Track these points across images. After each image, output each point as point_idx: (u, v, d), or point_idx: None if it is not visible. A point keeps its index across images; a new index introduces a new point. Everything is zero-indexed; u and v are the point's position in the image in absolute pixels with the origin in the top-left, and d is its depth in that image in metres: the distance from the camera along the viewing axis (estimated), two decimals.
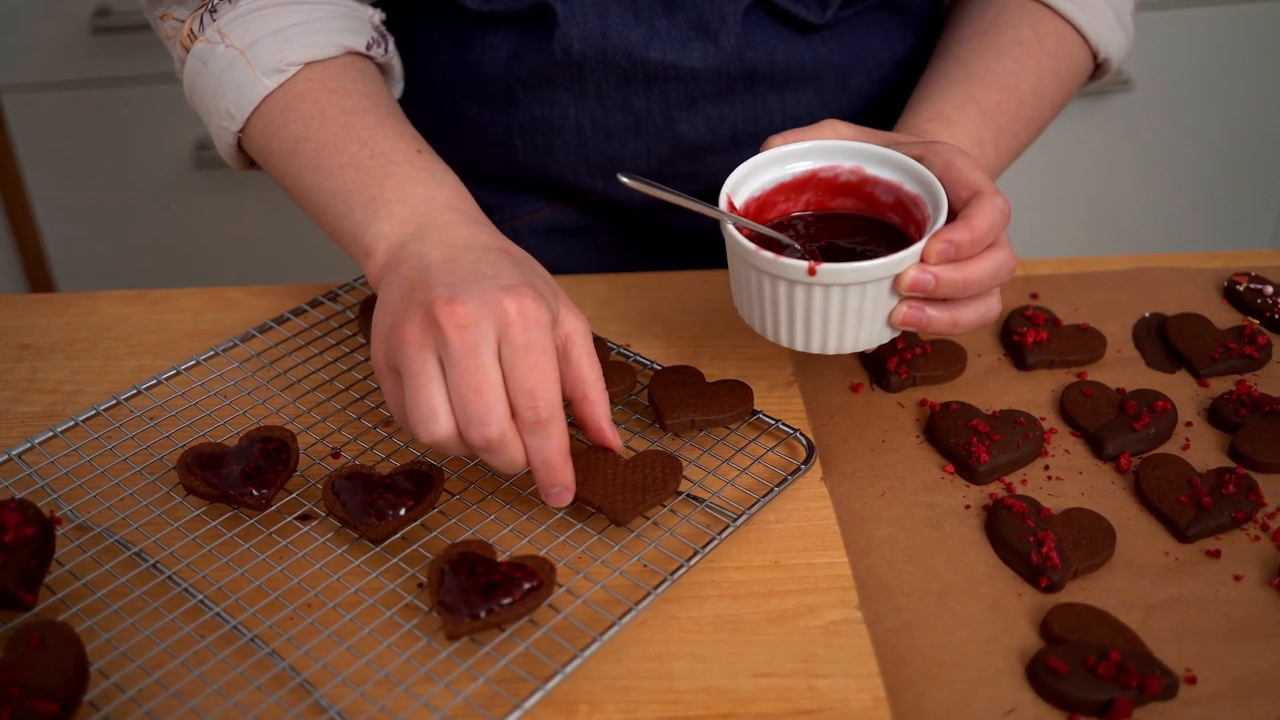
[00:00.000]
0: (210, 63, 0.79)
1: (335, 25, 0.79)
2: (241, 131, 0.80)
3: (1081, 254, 0.94)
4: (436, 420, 0.60)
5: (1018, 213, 1.85)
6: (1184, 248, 1.89)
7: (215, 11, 0.79)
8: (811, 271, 0.65)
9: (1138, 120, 1.79)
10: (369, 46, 0.81)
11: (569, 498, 0.64)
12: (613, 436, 0.67)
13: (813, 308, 0.67)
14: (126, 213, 1.78)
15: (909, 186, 0.71)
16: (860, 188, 0.73)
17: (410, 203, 0.70)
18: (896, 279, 0.66)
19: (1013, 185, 1.70)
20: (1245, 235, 1.92)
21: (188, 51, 0.80)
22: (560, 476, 0.62)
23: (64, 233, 1.81)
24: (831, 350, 0.69)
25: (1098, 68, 0.90)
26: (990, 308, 0.69)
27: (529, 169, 0.94)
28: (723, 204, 0.70)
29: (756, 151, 0.73)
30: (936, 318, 0.68)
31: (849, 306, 0.67)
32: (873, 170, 0.72)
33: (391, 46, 0.84)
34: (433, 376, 0.60)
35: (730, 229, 0.68)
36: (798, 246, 0.71)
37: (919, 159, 0.71)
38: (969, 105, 0.81)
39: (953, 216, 0.68)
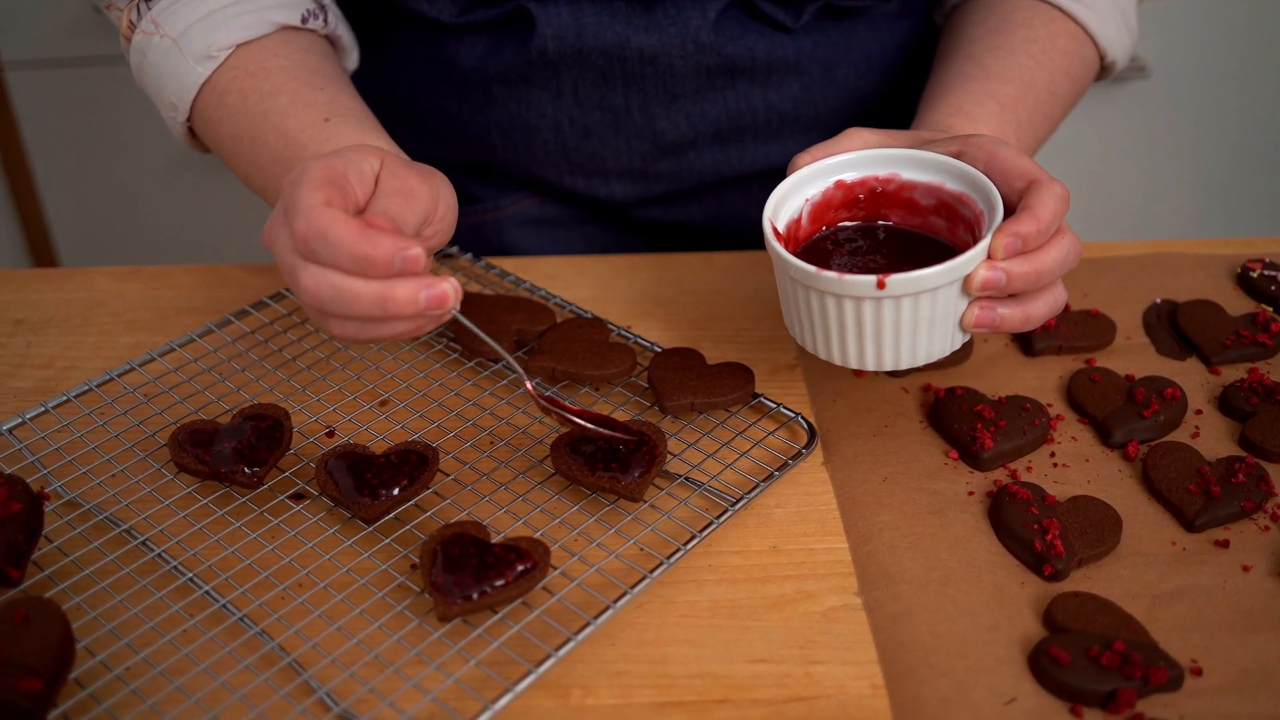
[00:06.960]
0: (149, 54, 0.78)
1: (266, 2, 0.77)
2: (189, 120, 0.79)
3: (1095, 241, 0.93)
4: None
5: None
6: (1199, 235, 1.87)
7: (150, 1, 0.78)
8: (880, 285, 0.62)
9: (1153, 107, 1.77)
10: (305, 19, 0.79)
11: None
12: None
13: (883, 322, 0.64)
14: (130, 189, 1.78)
15: (951, 185, 0.69)
16: (898, 194, 0.71)
17: None
18: (966, 280, 0.63)
19: None
20: (1260, 223, 1.90)
21: (129, 43, 0.80)
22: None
23: (67, 209, 1.80)
24: (905, 365, 0.66)
25: (1103, 69, 0.90)
26: (1058, 297, 0.67)
27: (509, 165, 0.93)
28: (767, 230, 0.67)
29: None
30: (1008, 315, 0.65)
31: (920, 316, 0.64)
32: (909, 175, 0.70)
33: (333, 16, 0.82)
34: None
35: (778, 249, 0.66)
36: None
37: (957, 155, 0.69)
38: (988, 100, 0.79)
39: (1006, 209, 0.66)
